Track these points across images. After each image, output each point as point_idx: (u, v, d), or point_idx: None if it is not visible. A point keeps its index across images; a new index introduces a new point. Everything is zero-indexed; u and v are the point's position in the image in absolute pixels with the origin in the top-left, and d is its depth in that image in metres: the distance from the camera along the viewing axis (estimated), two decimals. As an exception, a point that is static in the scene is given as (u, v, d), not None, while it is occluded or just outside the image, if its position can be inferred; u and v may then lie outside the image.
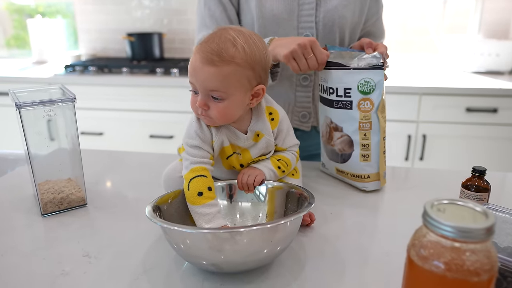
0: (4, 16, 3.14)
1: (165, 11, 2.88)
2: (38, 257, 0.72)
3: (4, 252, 0.73)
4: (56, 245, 0.76)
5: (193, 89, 0.76)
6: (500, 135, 2.22)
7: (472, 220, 0.49)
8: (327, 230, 0.81)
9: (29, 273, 0.67)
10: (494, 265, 0.48)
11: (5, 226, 0.82)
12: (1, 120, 2.62)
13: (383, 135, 0.97)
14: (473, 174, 0.85)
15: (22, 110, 0.79)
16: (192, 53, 0.75)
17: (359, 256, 0.73)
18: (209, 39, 0.73)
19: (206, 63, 0.71)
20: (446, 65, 2.75)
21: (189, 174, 0.76)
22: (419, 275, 0.51)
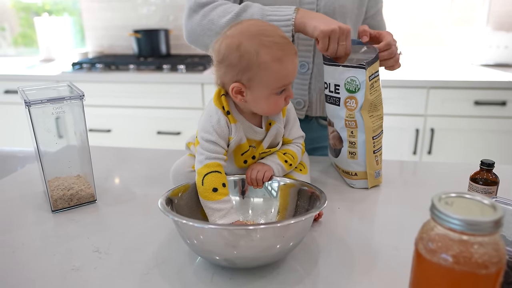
0: (11, 14, 3.16)
1: (171, 8, 2.89)
2: (49, 253, 0.72)
3: (16, 249, 0.74)
4: (67, 241, 0.76)
5: (280, 90, 0.78)
6: (509, 128, 2.21)
7: (480, 213, 0.49)
8: (336, 224, 0.82)
9: (40, 269, 0.68)
10: (503, 258, 0.48)
11: (16, 223, 0.83)
12: (10, 118, 2.64)
13: (370, 134, 0.95)
14: (481, 167, 0.85)
15: (31, 108, 0.79)
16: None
17: (368, 250, 0.73)
18: (268, 34, 0.75)
19: (294, 55, 0.77)
20: (454, 58, 2.74)
21: (203, 169, 0.77)
22: (427, 268, 0.51)
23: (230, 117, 0.80)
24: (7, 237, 0.78)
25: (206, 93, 2.37)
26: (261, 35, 0.75)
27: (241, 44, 0.74)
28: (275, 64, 0.74)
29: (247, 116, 0.82)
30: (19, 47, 3.23)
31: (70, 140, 0.96)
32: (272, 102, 0.78)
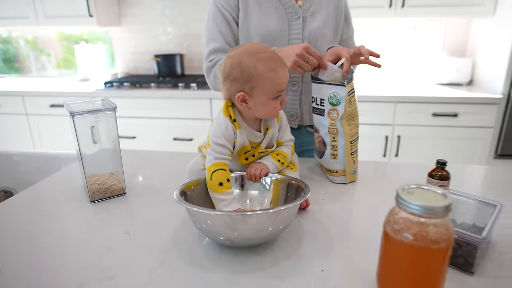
0: (56, 42, 3.17)
1: (185, 36, 2.90)
2: (88, 235, 0.73)
3: (61, 232, 0.75)
4: (102, 226, 0.77)
5: (276, 96, 0.78)
6: (460, 136, 2.22)
7: (434, 200, 0.50)
8: (320, 212, 0.81)
9: (82, 248, 0.69)
10: (451, 236, 0.50)
11: (61, 212, 0.84)
12: (54, 127, 2.65)
13: (349, 139, 0.95)
14: (436, 165, 0.86)
15: (75, 118, 0.80)
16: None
17: (346, 233, 0.74)
18: (262, 51, 0.76)
19: (284, 66, 0.78)
20: (416, 78, 2.74)
21: (212, 167, 0.77)
22: (393, 245, 0.52)
23: (236, 124, 0.80)
24: (54, 223, 0.79)
25: (213, 106, 2.38)
26: (256, 53, 0.76)
27: (242, 60, 0.75)
28: (271, 74, 0.75)
29: (249, 122, 0.82)
30: (61, 69, 3.24)
31: (103, 144, 0.96)
32: (271, 106, 0.79)
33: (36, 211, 0.84)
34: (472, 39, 2.54)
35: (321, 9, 1.08)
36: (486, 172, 1.07)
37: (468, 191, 0.80)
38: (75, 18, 2.65)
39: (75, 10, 2.63)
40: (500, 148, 2.19)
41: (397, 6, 2.28)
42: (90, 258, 0.65)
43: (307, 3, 1.07)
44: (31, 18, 2.70)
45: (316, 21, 1.07)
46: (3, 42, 3.26)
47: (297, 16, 1.05)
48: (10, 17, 2.74)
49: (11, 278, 0.61)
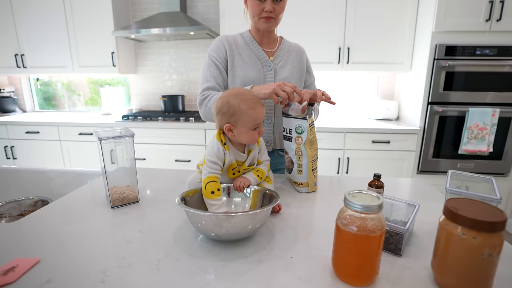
0: (85, 85, 3.14)
1: (186, 82, 2.92)
2: (109, 233, 0.72)
3: (89, 230, 0.74)
4: (121, 226, 0.76)
5: (255, 127, 0.79)
6: (392, 157, 2.27)
7: (371, 201, 0.52)
8: (289, 214, 0.82)
9: (105, 244, 0.68)
10: (384, 226, 0.52)
11: (88, 214, 0.83)
12: (81, 150, 2.58)
13: (310, 159, 0.94)
14: (374, 177, 0.88)
15: (102, 142, 0.80)
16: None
17: (309, 229, 0.75)
18: (245, 94, 0.78)
19: (261, 106, 0.79)
20: (359, 115, 2.81)
21: (206, 179, 0.77)
22: (342, 236, 0.54)
23: (226, 146, 0.80)
24: (83, 223, 0.77)
25: (207, 135, 2.38)
26: (240, 95, 0.78)
27: (229, 100, 0.77)
28: (250, 111, 0.76)
29: (235, 146, 0.83)
30: (88, 106, 3.19)
31: (119, 163, 0.94)
32: (250, 135, 0.79)
33: (68, 214, 0.82)
34: (397, 87, 2.64)
35: (287, 64, 1.10)
36: (411, 183, 1.09)
37: (398, 196, 0.84)
38: (102, 67, 2.65)
39: (103, 61, 2.64)
40: (420, 166, 2.25)
41: (343, 62, 2.39)
42: (112, 250, 0.65)
43: (277, 59, 1.09)
44: (68, 67, 2.69)
45: (284, 73, 1.08)
46: (44, 85, 3.20)
47: (270, 68, 1.07)
48: (52, 66, 2.72)
49: (50, 266, 0.60)
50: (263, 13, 0.98)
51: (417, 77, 2.26)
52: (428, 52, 2.10)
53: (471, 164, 2.19)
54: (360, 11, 2.30)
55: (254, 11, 1.00)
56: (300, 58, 1.14)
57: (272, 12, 0.98)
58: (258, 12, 0.99)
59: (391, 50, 2.34)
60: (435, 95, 2.13)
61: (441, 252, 0.52)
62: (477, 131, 2.10)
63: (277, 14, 1.00)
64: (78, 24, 2.60)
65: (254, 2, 0.97)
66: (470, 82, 2.08)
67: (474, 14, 2.00)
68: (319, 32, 2.35)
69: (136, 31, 2.42)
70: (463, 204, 0.52)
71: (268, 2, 0.96)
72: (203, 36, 2.62)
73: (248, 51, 1.07)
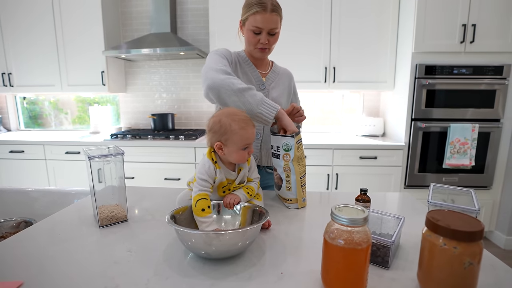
0: (73, 104, 3.12)
1: (175, 100, 2.94)
2: (97, 253, 0.71)
3: (76, 250, 0.72)
4: (109, 245, 0.75)
5: (244, 147, 0.80)
6: (379, 172, 2.30)
7: (356, 214, 0.54)
8: (279, 231, 0.82)
9: (92, 263, 0.66)
10: (369, 239, 0.53)
11: (75, 234, 0.81)
12: (68, 169, 2.53)
13: (298, 175, 0.94)
14: (360, 192, 0.89)
15: (92, 161, 0.79)
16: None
17: (299, 245, 0.75)
18: (237, 114, 0.79)
19: (252, 126, 0.79)
20: (346, 131, 2.86)
21: (197, 196, 0.77)
22: (330, 248, 0.54)
23: (216, 165, 0.81)
24: (70, 244, 0.75)
25: (197, 153, 2.37)
26: (232, 115, 0.78)
27: (221, 119, 0.78)
28: (241, 131, 0.77)
29: (226, 164, 0.83)
30: (75, 125, 3.16)
31: (107, 182, 0.92)
32: (240, 155, 0.80)
33: (53, 235, 0.80)
34: (382, 104, 2.72)
35: (278, 85, 1.16)
36: (398, 197, 1.11)
37: (385, 210, 0.86)
38: (92, 86, 2.65)
39: (92, 80, 2.64)
40: (407, 181, 2.29)
41: (330, 81, 2.47)
42: (99, 270, 0.64)
43: (269, 81, 1.15)
44: (56, 86, 2.68)
45: (275, 93, 1.14)
46: (31, 103, 3.16)
47: (263, 87, 1.12)
48: (40, 85, 2.70)
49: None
50: (259, 44, 1.03)
51: (400, 95, 2.34)
52: (409, 71, 2.20)
53: (455, 178, 2.26)
54: (344, 33, 2.41)
55: (250, 41, 1.05)
56: (289, 82, 1.21)
57: (267, 43, 1.03)
58: (253, 43, 1.04)
59: (374, 69, 2.44)
60: (418, 111, 2.21)
61: (426, 263, 0.54)
62: (459, 145, 2.18)
63: (271, 45, 1.05)
64: (69, 44, 2.62)
65: (250, 33, 1.02)
66: (450, 99, 2.18)
67: (449, 36, 2.13)
68: (306, 53, 2.44)
69: (127, 51, 2.45)
70: (444, 215, 0.54)
71: (263, 34, 1.01)
72: (193, 56, 2.67)
73: (245, 69, 1.12)
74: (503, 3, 2.08)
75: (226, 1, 2.44)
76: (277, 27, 1.02)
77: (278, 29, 1.03)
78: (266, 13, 0.98)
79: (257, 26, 1.00)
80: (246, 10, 1.02)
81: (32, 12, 2.62)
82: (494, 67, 2.13)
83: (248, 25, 1.03)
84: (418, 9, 2.11)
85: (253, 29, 1.01)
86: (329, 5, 2.39)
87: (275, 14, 1.00)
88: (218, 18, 2.46)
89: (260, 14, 0.98)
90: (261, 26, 1.00)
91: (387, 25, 2.39)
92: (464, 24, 2.10)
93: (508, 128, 2.22)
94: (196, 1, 2.79)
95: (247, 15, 1.02)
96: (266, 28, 1.00)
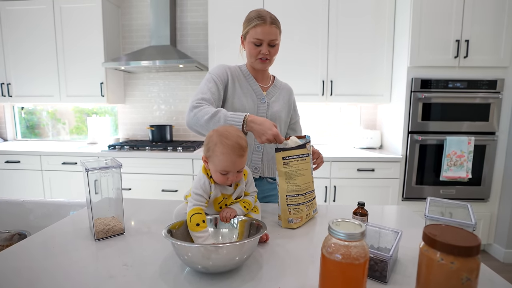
0: (71, 114, 3.12)
1: (174, 112, 2.96)
2: (93, 266, 0.70)
3: (70, 264, 0.71)
4: (104, 259, 0.74)
5: (224, 173, 0.78)
6: (377, 185, 2.30)
7: (354, 229, 0.53)
8: (276, 245, 0.82)
9: (88, 277, 0.66)
10: (367, 254, 0.52)
11: (69, 248, 0.80)
12: (64, 180, 2.51)
13: (284, 193, 0.91)
14: (358, 205, 0.89)
15: (89, 173, 0.79)
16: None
17: (297, 259, 0.74)
18: (229, 138, 0.77)
19: (237, 157, 0.76)
20: (344, 144, 2.87)
21: (191, 211, 0.76)
22: (328, 263, 0.54)
23: (211, 180, 0.81)
24: (64, 257, 0.74)
25: (195, 165, 2.37)
26: (223, 136, 0.76)
27: (212, 136, 0.78)
28: (220, 156, 0.75)
29: None
30: (73, 135, 3.15)
31: (104, 194, 0.92)
32: (219, 177, 0.79)
33: (48, 248, 0.79)
34: (379, 117, 2.75)
35: (279, 100, 1.18)
36: (395, 210, 1.11)
37: (383, 223, 0.86)
38: (90, 97, 2.67)
39: (91, 91, 2.66)
40: (405, 193, 2.30)
41: (327, 94, 2.50)
42: (95, 285, 0.63)
43: (270, 95, 1.16)
44: (55, 96, 2.69)
45: (276, 107, 1.16)
46: (29, 113, 3.17)
47: (263, 101, 1.14)
48: (38, 95, 2.71)
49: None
50: (259, 55, 1.07)
51: (397, 108, 2.37)
52: (405, 85, 2.24)
53: (452, 190, 2.26)
54: (340, 47, 2.46)
55: (251, 53, 1.08)
56: (289, 97, 1.23)
57: (267, 54, 1.07)
58: (254, 54, 1.07)
59: (371, 83, 2.48)
60: (414, 124, 2.24)
61: (423, 278, 0.53)
62: (455, 158, 2.19)
63: (272, 56, 1.09)
64: (69, 55, 2.65)
65: (251, 46, 1.06)
66: (446, 113, 2.21)
67: (443, 52, 2.18)
68: (304, 67, 2.48)
69: (126, 63, 2.48)
70: (441, 230, 0.54)
71: (264, 46, 1.05)
72: (192, 69, 2.71)
73: (246, 83, 1.14)
74: (494, 20, 2.14)
75: (225, 16, 2.49)
76: (276, 39, 1.06)
77: (278, 40, 1.07)
78: (265, 25, 1.03)
79: (257, 38, 1.04)
80: (247, 25, 1.07)
81: (33, 23, 2.66)
82: (488, 81, 2.17)
83: (249, 38, 1.07)
84: (413, 25, 2.17)
85: (254, 41, 1.05)
86: (326, 21, 2.44)
87: (274, 27, 1.04)
88: (217, 32, 2.51)
89: (260, 26, 1.03)
90: (262, 37, 1.04)
91: (382, 40, 2.45)
92: (457, 40, 2.15)
93: (503, 141, 2.24)
94: (195, 15, 2.85)
95: (247, 29, 1.06)
96: (267, 39, 1.04)
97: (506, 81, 2.19)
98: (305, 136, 0.98)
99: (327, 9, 2.43)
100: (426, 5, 2.14)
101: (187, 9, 2.84)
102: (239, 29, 2.45)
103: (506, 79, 2.19)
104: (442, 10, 2.14)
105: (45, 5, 2.61)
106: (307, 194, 0.94)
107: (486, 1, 2.12)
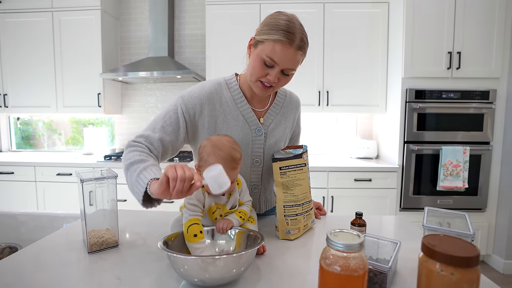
0: (67, 124, 3.11)
1: (172, 122, 2.96)
2: (86, 281, 0.68)
3: (62, 278, 0.69)
4: (98, 273, 0.72)
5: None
6: (374, 195, 2.30)
7: (352, 240, 0.52)
8: (274, 256, 0.80)
9: (78, 292, 0.63)
10: (366, 265, 0.52)
11: (63, 261, 0.78)
12: (59, 191, 2.47)
13: (282, 203, 0.88)
14: (356, 216, 0.89)
15: (84, 183, 0.78)
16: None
17: (294, 271, 0.73)
18: (222, 150, 0.73)
19: (231, 170, 0.74)
20: (341, 154, 2.88)
21: (187, 222, 0.75)
22: (326, 275, 0.53)
23: (204, 188, 0.79)
24: (57, 271, 0.72)
25: (192, 175, 2.36)
26: (217, 147, 0.74)
27: (206, 145, 0.77)
28: None
29: None
30: (68, 146, 3.13)
31: (98, 205, 0.90)
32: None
33: (39, 262, 0.76)
34: (375, 127, 2.77)
35: (280, 124, 0.96)
36: (393, 220, 1.10)
37: (382, 234, 0.85)
38: (87, 107, 2.66)
39: (88, 101, 2.66)
40: (402, 203, 2.29)
41: (324, 105, 2.53)
42: (85, 301, 0.60)
43: (268, 120, 0.94)
44: (52, 107, 2.69)
45: (275, 137, 0.96)
46: (25, 124, 3.15)
47: (260, 133, 0.92)
48: (35, 106, 2.70)
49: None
50: (264, 79, 0.81)
51: (392, 118, 2.40)
52: (400, 95, 2.27)
53: (449, 200, 2.26)
54: (336, 59, 2.50)
55: (255, 71, 0.81)
56: (295, 114, 1.02)
57: (275, 82, 0.81)
58: (259, 75, 0.81)
59: (367, 93, 2.51)
60: (410, 134, 2.25)
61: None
62: (451, 168, 2.20)
63: (279, 86, 0.83)
64: (66, 65, 2.66)
65: (259, 63, 0.79)
66: (440, 123, 2.23)
67: (436, 63, 2.22)
68: (300, 77, 2.51)
69: (124, 73, 2.49)
70: (440, 240, 0.54)
71: (275, 71, 0.78)
72: (189, 80, 2.72)
73: (235, 110, 0.90)
74: (485, 32, 2.19)
75: (222, 28, 2.53)
76: (295, 68, 0.80)
77: (295, 71, 0.81)
78: (290, 48, 0.76)
79: (272, 59, 0.77)
80: (267, 31, 0.77)
81: (32, 35, 2.68)
82: (480, 92, 2.21)
83: (261, 51, 0.78)
84: (406, 37, 2.21)
85: (266, 59, 0.77)
86: (321, 34, 2.49)
87: (300, 53, 0.78)
88: (214, 44, 2.54)
89: (283, 45, 0.75)
90: (278, 61, 0.77)
91: (377, 51, 2.49)
92: (449, 52, 2.20)
93: (498, 150, 2.26)
94: (193, 27, 2.89)
95: (265, 38, 0.77)
96: (283, 65, 0.78)
97: (498, 92, 2.22)
98: (302, 146, 0.97)
99: (322, 26, 2.48)
100: (418, 18, 2.19)
101: (185, 21, 2.88)
102: (236, 42, 2.48)
103: (498, 90, 2.22)
104: (434, 23, 2.19)
105: (45, 18, 2.64)
106: (304, 205, 0.92)
107: (477, 14, 2.18)
